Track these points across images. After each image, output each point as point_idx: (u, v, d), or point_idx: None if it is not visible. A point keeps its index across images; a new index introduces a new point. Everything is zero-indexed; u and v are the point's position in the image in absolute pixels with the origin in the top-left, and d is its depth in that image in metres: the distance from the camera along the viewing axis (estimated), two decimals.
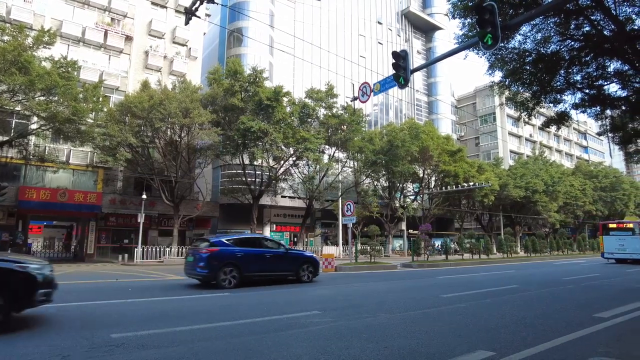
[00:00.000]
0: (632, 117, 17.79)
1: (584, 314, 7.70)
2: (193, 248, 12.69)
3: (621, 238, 26.32)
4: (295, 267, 13.14)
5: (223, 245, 11.76)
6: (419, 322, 6.85)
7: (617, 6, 12.49)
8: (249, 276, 11.95)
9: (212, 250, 11.35)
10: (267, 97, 26.94)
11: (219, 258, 11.32)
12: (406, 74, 11.06)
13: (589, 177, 53.37)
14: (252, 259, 12.07)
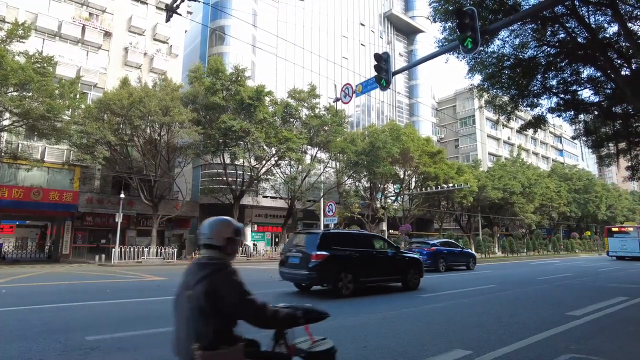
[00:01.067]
0: (604, 122, 18.39)
1: (557, 313, 7.92)
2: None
3: (622, 239, 32.15)
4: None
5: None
6: (398, 322, 6.93)
7: (591, 15, 12.90)
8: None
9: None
10: (249, 96, 26.76)
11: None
12: (388, 76, 11.14)
13: (564, 180, 54.87)
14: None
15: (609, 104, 16.86)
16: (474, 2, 12.20)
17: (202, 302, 1.95)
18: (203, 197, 32.85)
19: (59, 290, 11.19)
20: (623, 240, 32.15)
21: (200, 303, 1.96)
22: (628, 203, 65.45)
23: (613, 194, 62.19)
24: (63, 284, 12.80)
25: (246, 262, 27.18)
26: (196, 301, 1.97)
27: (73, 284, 13.01)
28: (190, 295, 2.02)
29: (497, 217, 47.35)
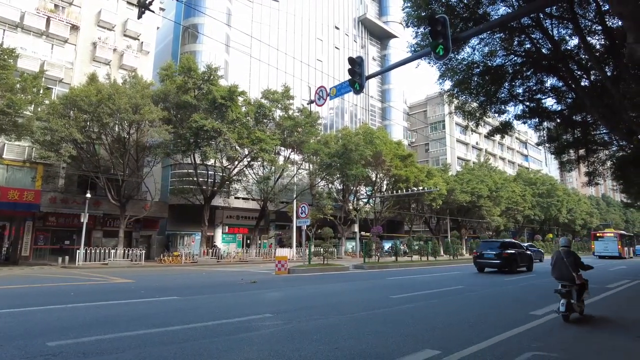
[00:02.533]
0: (566, 130, 19.22)
1: (521, 312, 8.21)
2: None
3: (605, 243, 40.17)
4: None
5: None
6: (369, 323, 7.00)
7: (554, 27, 13.47)
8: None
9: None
10: (221, 95, 26.43)
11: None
12: (361, 80, 11.28)
13: (528, 184, 56.93)
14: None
15: (570, 113, 17.64)
16: (446, 10, 12.51)
17: (572, 261, 7.58)
18: (173, 198, 32.16)
19: (17, 294, 10.69)
20: (605, 243, 39.97)
21: (572, 261, 7.58)
22: (586, 207, 68.55)
23: (573, 199, 64.99)
24: (22, 287, 12.24)
25: (216, 264, 26.78)
26: (572, 259, 7.61)
27: (34, 287, 12.45)
28: (568, 260, 7.63)
29: (465, 220, 48.60)
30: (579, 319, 7.65)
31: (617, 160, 21.53)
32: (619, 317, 8.26)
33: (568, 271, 7.59)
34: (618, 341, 6.08)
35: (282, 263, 18.13)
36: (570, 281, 7.66)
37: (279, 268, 17.86)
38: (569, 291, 7.58)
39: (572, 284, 7.65)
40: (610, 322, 7.73)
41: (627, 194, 33.29)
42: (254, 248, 32.20)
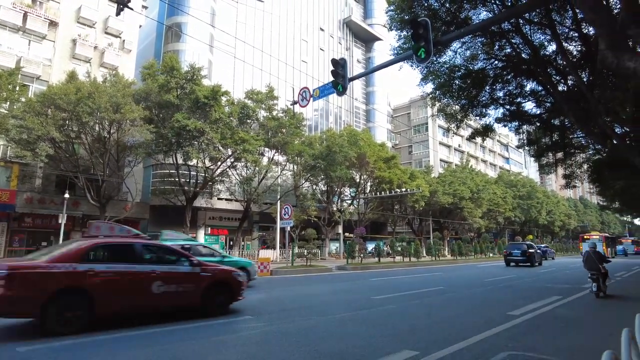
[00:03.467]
0: (545, 133, 19.63)
1: (499, 313, 8.34)
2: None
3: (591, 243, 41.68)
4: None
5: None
6: (350, 324, 7.01)
7: (534, 33, 13.76)
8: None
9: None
10: (204, 95, 26.16)
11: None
12: (344, 81, 11.32)
13: (509, 186, 57.92)
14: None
15: (549, 117, 18.00)
16: (428, 13, 12.63)
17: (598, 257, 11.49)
18: (154, 199, 31.68)
19: None
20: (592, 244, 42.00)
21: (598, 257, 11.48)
22: (565, 209, 70.15)
23: (552, 200, 66.42)
24: None
25: None
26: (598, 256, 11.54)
27: None
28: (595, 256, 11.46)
29: (447, 221, 49.18)
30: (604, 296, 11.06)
31: (593, 164, 22.08)
32: (596, 319, 8.47)
33: (596, 264, 11.33)
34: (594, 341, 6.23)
35: (265, 264, 18.03)
36: (597, 271, 11.23)
37: (261, 269, 17.75)
38: (597, 277, 11.20)
39: (598, 273, 11.22)
40: (587, 323, 7.91)
41: (603, 196, 34.20)
42: (236, 249, 31.94)
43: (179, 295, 7.36)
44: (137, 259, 7.11)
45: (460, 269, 24.56)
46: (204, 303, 7.56)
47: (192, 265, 7.67)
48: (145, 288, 6.91)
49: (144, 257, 7.29)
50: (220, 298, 7.91)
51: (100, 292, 6.34)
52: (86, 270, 6.31)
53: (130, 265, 6.92)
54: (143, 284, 6.91)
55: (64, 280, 6.10)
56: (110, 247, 7.18)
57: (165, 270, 7.27)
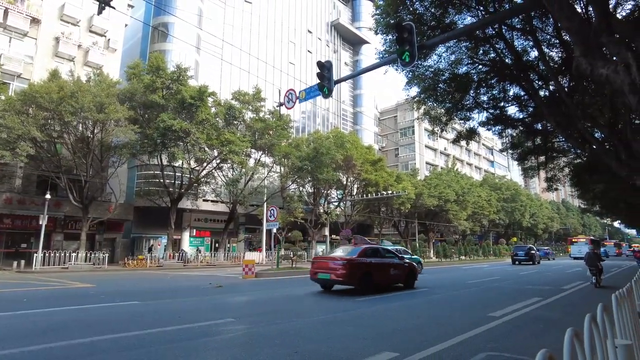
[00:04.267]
0: (528, 137, 19.96)
1: (480, 314, 8.44)
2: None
3: (578, 246, 48.02)
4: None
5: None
6: (332, 326, 7.01)
7: (517, 39, 14.00)
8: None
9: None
10: (190, 95, 25.99)
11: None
12: (330, 84, 11.36)
13: (494, 189, 58.74)
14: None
15: (532, 121, 18.32)
16: (414, 18, 12.76)
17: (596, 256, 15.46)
18: (138, 200, 31.29)
19: None
20: (579, 247, 47.94)
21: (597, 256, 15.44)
22: (548, 212, 71.38)
23: (536, 203, 67.54)
24: None
25: (183, 268, 26.20)
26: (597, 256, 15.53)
27: None
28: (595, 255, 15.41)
29: (432, 224, 49.61)
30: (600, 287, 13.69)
31: (574, 167, 22.52)
32: (575, 319, 8.63)
33: (595, 262, 15.07)
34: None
35: (250, 267, 17.94)
36: (595, 267, 14.89)
37: (246, 272, 17.66)
38: (596, 272, 14.83)
39: (596, 269, 14.86)
40: (566, 324, 8.05)
41: (584, 199, 34.90)
42: (222, 252, 31.72)
43: (397, 276, 13.33)
44: (381, 256, 13.10)
45: (444, 271, 24.77)
46: (405, 282, 13.61)
47: (400, 260, 13.85)
48: (387, 271, 12.92)
49: (384, 255, 13.33)
50: (411, 279, 13.91)
51: (374, 273, 12.16)
52: (370, 261, 12.21)
53: (380, 259, 12.89)
54: (387, 269, 12.90)
55: (364, 267, 11.90)
56: (370, 249, 13.21)
57: (392, 262, 13.31)
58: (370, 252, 12.62)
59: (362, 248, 12.78)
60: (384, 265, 12.69)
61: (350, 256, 11.89)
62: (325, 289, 12.71)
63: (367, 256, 12.22)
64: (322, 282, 12.36)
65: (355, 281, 11.54)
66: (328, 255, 13.30)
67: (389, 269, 12.84)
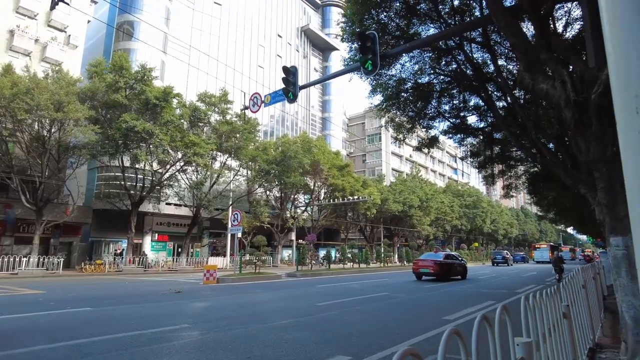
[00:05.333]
0: (487, 146, 20.73)
1: (435, 317, 8.68)
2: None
3: (541, 251, 54.22)
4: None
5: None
6: (289, 331, 7.03)
7: (477, 51, 14.55)
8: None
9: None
10: (155, 96, 25.38)
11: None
12: (295, 89, 11.44)
13: (456, 196, 60.49)
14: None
15: (491, 131, 19.06)
16: (378, 27, 13.03)
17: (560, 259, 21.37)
18: (97, 202, 30.14)
19: None
20: (541, 252, 53.63)
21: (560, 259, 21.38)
22: (507, 218, 74.15)
23: (496, 210, 70.02)
24: None
25: (143, 273, 25.44)
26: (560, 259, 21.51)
27: None
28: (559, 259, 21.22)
29: (397, 229, 50.48)
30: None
31: (530, 176, 23.53)
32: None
33: (558, 264, 19.83)
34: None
35: (211, 272, 17.65)
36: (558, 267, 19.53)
37: (207, 277, 17.37)
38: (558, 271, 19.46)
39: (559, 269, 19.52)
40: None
41: (539, 206, 36.50)
42: (184, 257, 31.03)
43: (458, 272, 21.72)
44: (451, 258, 22.19)
45: (406, 275, 25.22)
46: (462, 276, 21.94)
47: (460, 260, 22.92)
48: (455, 268, 21.67)
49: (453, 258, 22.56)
50: (465, 273, 22.24)
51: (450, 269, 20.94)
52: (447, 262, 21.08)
53: (451, 260, 21.85)
54: (455, 266, 21.71)
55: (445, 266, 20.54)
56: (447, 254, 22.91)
57: (456, 262, 22.06)
58: (447, 256, 22.06)
59: (444, 254, 23.20)
60: (454, 265, 21.66)
61: (439, 259, 21.01)
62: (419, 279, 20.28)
63: (446, 259, 21.40)
64: (422, 274, 20.32)
65: (442, 274, 19.91)
66: (424, 258, 21.95)
67: (456, 267, 21.87)
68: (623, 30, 0.98)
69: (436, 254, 23.53)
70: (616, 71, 1.00)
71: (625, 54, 0.99)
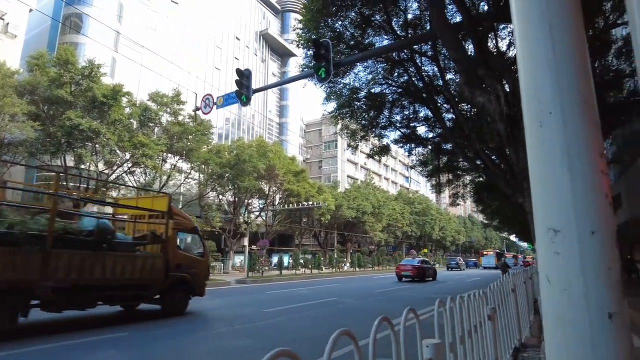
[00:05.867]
0: (436, 156, 21.55)
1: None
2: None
3: (488, 258, 58.46)
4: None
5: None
6: (231, 339, 6.90)
7: (427, 64, 15.14)
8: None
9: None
10: (103, 94, 24.19)
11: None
12: (248, 92, 11.36)
13: (407, 203, 62.20)
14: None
15: (439, 141, 19.85)
16: (334, 36, 13.23)
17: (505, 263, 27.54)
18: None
19: None
20: (488, 258, 57.86)
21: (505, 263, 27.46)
22: (455, 225, 77.20)
23: (445, 217, 72.68)
24: None
25: None
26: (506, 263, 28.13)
27: None
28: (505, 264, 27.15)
29: (350, 235, 51.13)
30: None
31: (475, 186, 24.69)
32: None
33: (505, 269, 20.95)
34: None
35: None
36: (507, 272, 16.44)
37: None
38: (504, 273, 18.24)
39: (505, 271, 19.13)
40: None
41: (484, 214, 38.37)
42: None
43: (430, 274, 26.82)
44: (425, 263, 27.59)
45: (356, 280, 25.60)
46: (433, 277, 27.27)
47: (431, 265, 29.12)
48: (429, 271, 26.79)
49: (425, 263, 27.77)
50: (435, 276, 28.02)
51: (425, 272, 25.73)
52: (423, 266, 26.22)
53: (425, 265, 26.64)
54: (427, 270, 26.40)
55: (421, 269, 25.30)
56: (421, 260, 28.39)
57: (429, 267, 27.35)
58: (422, 262, 26.92)
59: (420, 259, 27.93)
60: (427, 269, 26.20)
61: (416, 264, 25.68)
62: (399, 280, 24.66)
63: (421, 264, 25.98)
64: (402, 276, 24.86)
65: (419, 276, 24.44)
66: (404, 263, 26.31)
67: (429, 270, 26.23)
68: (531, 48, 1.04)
69: (413, 260, 28.05)
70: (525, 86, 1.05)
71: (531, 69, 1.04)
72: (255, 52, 56.70)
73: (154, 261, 8.95)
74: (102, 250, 7.91)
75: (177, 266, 9.57)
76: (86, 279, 7.48)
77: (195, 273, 10.17)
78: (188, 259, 10.32)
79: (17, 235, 6.64)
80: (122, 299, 8.80)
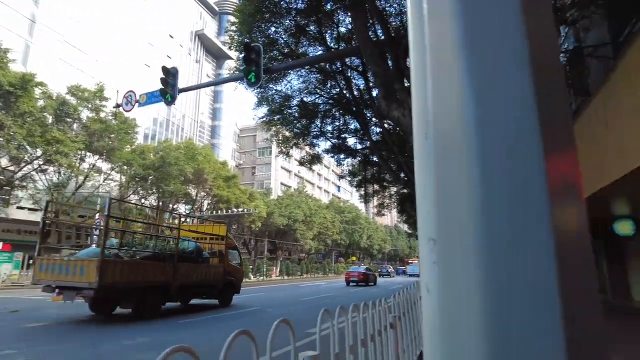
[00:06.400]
0: (364, 167, 22.24)
1: (299, 331, 8.79)
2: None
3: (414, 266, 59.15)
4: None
5: None
6: (137, 351, 6.48)
7: (357, 78, 15.61)
8: None
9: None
10: (10, 82, 21.93)
11: None
12: (174, 91, 10.93)
13: (338, 212, 63.38)
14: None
15: (368, 153, 20.52)
16: (267, 41, 13.16)
17: None
18: None
19: None
20: (414, 267, 59.23)
21: None
22: (382, 234, 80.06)
23: (372, 227, 75.09)
24: None
25: None
26: None
27: None
28: None
29: (281, 242, 50.90)
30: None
31: (399, 196, 25.80)
32: None
33: None
34: None
35: None
36: None
37: (57, 293, 15.22)
38: None
39: None
40: None
41: (408, 224, 40.20)
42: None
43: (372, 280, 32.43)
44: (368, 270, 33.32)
45: (284, 289, 25.48)
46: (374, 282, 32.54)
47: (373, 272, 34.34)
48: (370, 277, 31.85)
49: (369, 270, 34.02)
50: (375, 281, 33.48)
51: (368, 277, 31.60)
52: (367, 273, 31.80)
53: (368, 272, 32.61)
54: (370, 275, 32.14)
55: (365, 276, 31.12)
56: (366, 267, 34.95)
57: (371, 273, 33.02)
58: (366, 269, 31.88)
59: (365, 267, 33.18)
60: (370, 275, 30.95)
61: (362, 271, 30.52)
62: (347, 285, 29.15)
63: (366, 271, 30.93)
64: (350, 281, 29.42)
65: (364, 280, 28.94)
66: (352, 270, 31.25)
67: (371, 276, 30.90)
68: (418, 61, 1.06)
69: (359, 267, 33.36)
70: (416, 99, 1.07)
71: (419, 80, 1.06)
72: (190, 52, 54.92)
73: (218, 269, 13.58)
74: (198, 263, 12.66)
75: (228, 273, 14.04)
76: (191, 281, 12.22)
77: (236, 277, 14.87)
78: (233, 268, 14.73)
79: (164, 254, 11.64)
80: (203, 295, 13.29)
